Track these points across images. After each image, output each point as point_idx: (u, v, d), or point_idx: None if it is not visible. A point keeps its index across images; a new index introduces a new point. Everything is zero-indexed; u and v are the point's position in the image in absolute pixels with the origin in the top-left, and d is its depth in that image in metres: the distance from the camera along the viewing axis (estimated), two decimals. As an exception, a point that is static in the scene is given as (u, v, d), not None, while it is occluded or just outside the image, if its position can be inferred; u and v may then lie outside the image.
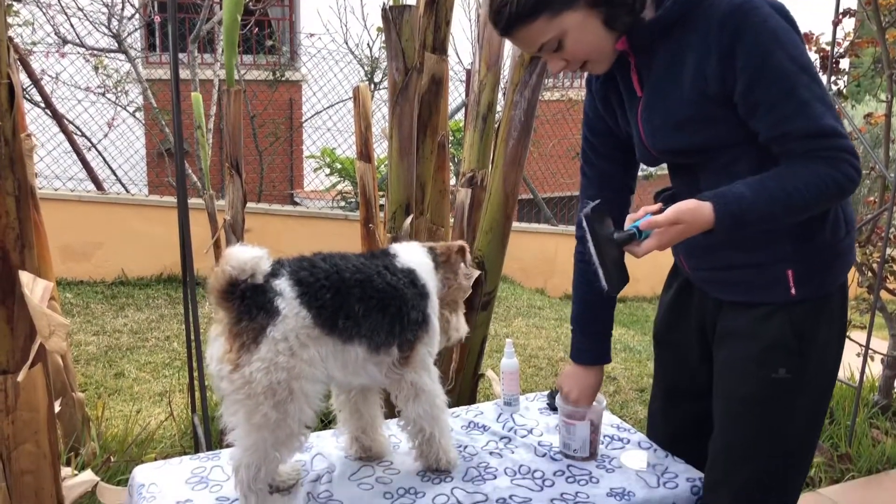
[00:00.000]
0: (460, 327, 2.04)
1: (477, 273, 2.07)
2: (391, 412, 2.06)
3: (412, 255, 1.93)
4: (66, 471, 2.40)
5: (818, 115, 1.50)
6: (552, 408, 2.34)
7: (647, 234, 1.55)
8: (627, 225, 1.57)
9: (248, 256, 1.62)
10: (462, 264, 2.00)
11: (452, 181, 3.68)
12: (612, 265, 1.58)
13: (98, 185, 7.09)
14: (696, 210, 1.51)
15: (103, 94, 7.75)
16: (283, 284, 1.67)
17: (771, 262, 1.67)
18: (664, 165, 1.84)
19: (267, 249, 1.67)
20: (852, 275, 3.77)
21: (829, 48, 3.74)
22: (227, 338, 1.65)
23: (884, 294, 3.63)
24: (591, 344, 2.04)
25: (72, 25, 7.31)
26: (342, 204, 8.00)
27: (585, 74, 1.84)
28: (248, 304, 1.64)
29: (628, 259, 1.62)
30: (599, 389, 2.06)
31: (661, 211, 1.54)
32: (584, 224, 1.57)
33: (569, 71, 1.70)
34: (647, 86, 1.68)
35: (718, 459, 1.82)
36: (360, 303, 1.74)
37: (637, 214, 1.58)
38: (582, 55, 1.65)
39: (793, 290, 1.66)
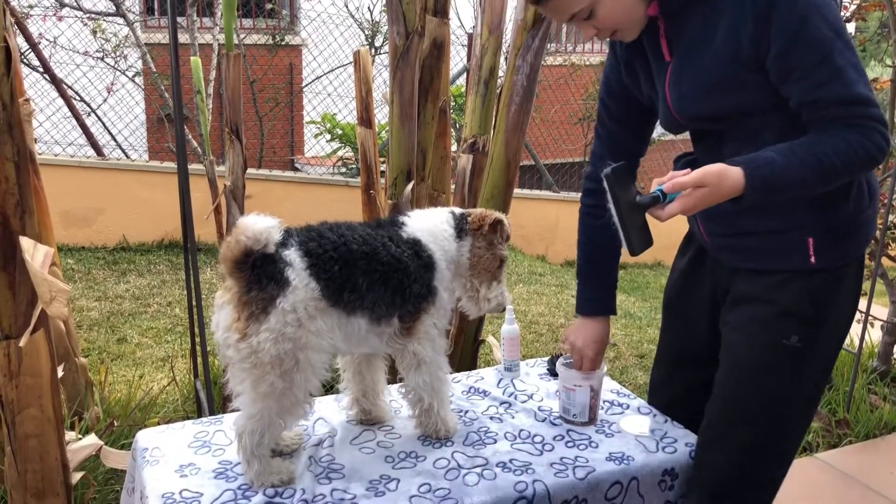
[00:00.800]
0: (492, 297, 1.96)
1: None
2: (394, 378, 2.07)
3: (425, 222, 1.90)
4: (70, 435, 2.43)
5: (852, 83, 1.49)
6: (552, 373, 2.35)
7: (672, 197, 1.52)
8: (653, 188, 1.55)
9: (262, 226, 1.62)
10: (500, 235, 1.94)
11: (454, 147, 3.66)
12: (633, 228, 1.55)
13: (98, 150, 7.05)
14: (722, 174, 1.49)
15: (102, 59, 7.68)
16: (293, 255, 1.67)
17: (792, 229, 1.66)
18: (666, 134, 1.83)
19: (280, 220, 1.67)
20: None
21: (835, 12, 3.68)
22: (235, 306, 1.65)
23: (885, 261, 3.63)
24: (595, 293, 2.05)
25: (69, -12, 7.23)
26: (343, 170, 7.97)
27: (594, 39, 1.82)
28: (259, 273, 1.63)
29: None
30: (607, 344, 2.06)
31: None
32: (606, 185, 1.52)
33: (599, 39, 1.68)
34: (677, 51, 1.66)
35: (716, 420, 1.82)
36: (365, 276, 1.73)
37: (663, 178, 1.55)
38: (613, 23, 1.64)
39: (812, 259, 1.66)
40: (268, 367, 1.64)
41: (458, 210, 1.98)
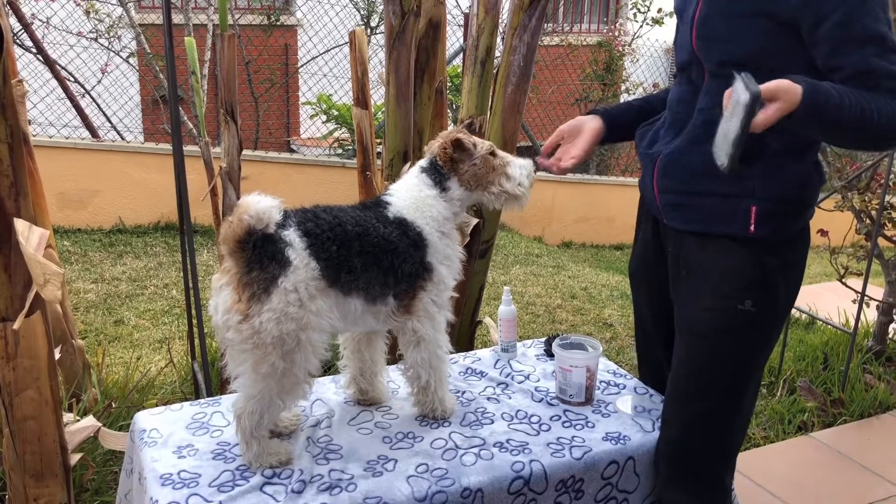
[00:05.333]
0: (517, 181, 1.92)
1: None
2: (394, 359, 2.08)
3: (407, 197, 1.89)
4: (68, 416, 2.43)
5: (890, 55, 1.56)
6: (549, 354, 2.36)
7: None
8: (732, 100, 1.50)
9: (265, 206, 1.62)
10: (469, 149, 1.91)
11: (450, 128, 3.64)
12: (741, 148, 1.49)
13: (93, 132, 7.01)
14: (791, 90, 1.49)
15: (95, 40, 7.62)
16: (292, 235, 1.67)
17: (740, 195, 1.71)
18: None
19: (280, 199, 1.67)
20: (850, 222, 3.77)
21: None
22: (235, 287, 1.65)
23: (881, 241, 3.64)
24: (611, 108, 2.08)
25: (61, -32, 7.16)
26: (339, 151, 7.93)
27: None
28: (260, 253, 1.63)
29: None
30: (591, 141, 2.03)
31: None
32: (749, 99, 1.44)
33: None
34: None
35: (676, 387, 1.86)
36: (359, 257, 1.74)
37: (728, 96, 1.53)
38: None
39: (752, 227, 1.71)
40: (269, 347, 1.64)
41: (423, 161, 1.96)
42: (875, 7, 1.56)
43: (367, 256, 1.75)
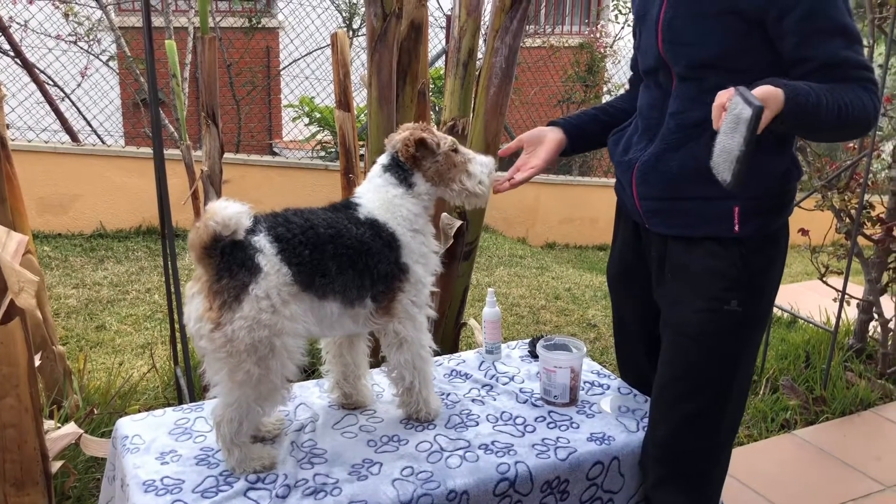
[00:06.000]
0: (477, 178, 1.91)
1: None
2: (377, 362, 2.07)
3: (376, 197, 1.86)
4: (49, 423, 2.40)
5: (853, 47, 1.61)
6: (533, 355, 2.36)
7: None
8: (732, 103, 1.47)
9: (231, 212, 1.60)
10: (433, 149, 1.88)
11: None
12: (749, 158, 1.46)
13: (73, 136, 6.95)
14: (775, 96, 1.51)
15: (75, 43, 7.56)
16: (262, 241, 1.65)
17: (722, 197, 1.70)
18: None
19: (249, 205, 1.65)
20: (830, 221, 3.80)
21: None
22: (206, 295, 1.63)
23: (861, 240, 3.67)
24: (572, 119, 2.08)
25: (39, -29, 7.10)
26: (322, 154, 7.91)
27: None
28: (229, 260, 1.62)
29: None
30: (551, 152, 2.02)
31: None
32: (752, 114, 1.41)
33: None
34: None
35: (665, 390, 1.85)
36: (333, 260, 1.72)
37: (722, 100, 1.51)
38: None
39: (736, 227, 1.72)
40: (243, 354, 1.63)
41: (383, 158, 1.92)
42: (837, 3, 1.58)
43: (342, 259, 1.73)
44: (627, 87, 2.12)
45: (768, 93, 1.49)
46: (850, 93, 1.57)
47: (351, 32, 8.43)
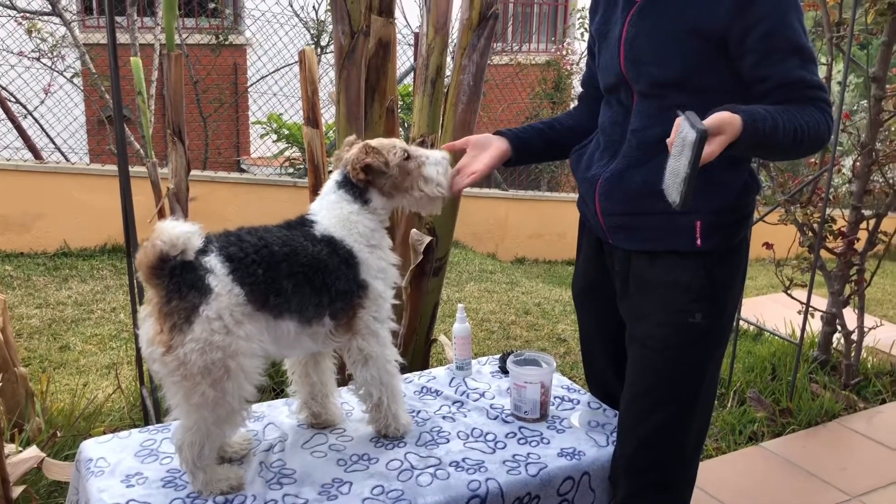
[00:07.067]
0: (434, 182, 1.87)
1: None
2: (344, 380, 2.05)
3: (331, 214, 1.83)
4: (9, 447, 2.35)
5: (809, 68, 1.65)
6: (504, 371, 2.37)
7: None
8: (676, 136, 1.51)
9: (179, 231, 1.56)
10: (381, 169, 1.83)
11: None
12: (692, 184, 1.50)
13: (36, 153, 6.85)
14: (733, 122, 1.53)
15: (38, 59, 7.45)
16: (213, 261, 1.62)
17: (682, 211, 1.70)
18: None
19: (200, 224, 1.62)
20: (794, 234, 3.87)
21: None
22: (157, 318, 1.60)
23: (823, 253, 3.74)
24: (520, 132, 2.06)
25: (1, -14, 7.00)
26: (290, 170, 7.88)
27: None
28: (178, 282, 1.58)
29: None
30: (495, 159, 2.00)
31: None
32: (697, 138, 1.45)
33: None
34: None
35: (629, 407, 1.87)
36: (289, 278, 1.70)
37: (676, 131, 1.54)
38: None
39: (699, 241, 1.74)
40: (197, 377, 1.60)
41: (337, 175, 1.89)
42: (794, 20, 1.63)
43: (298, 277, 1.71)
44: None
45: (724, 119, 1.52)
46: (805, 114, 1.62)
47: (319, 50, 8.42)
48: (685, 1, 1.67)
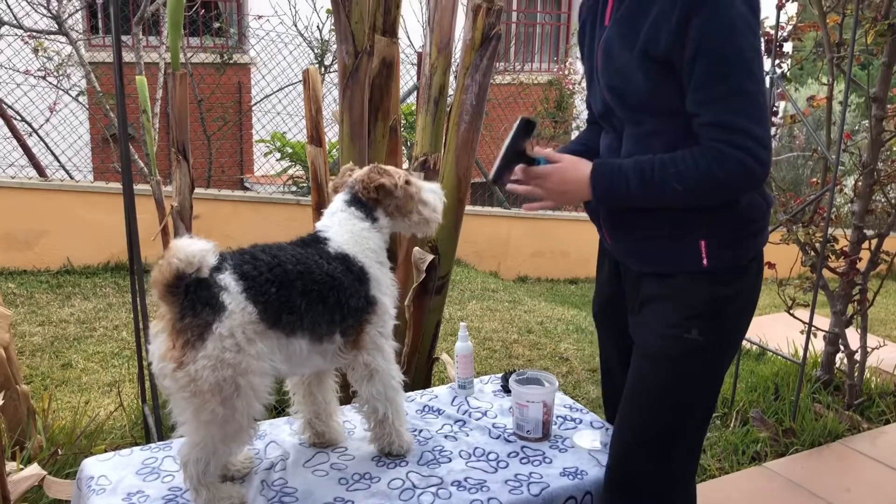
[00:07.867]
0: (431, 207, 1.96)
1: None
2: (347, 398, 2.05)
3: (344, 231, 1.86)
4: (10, 465, 2.35)
5: (735, 110, 1.57)
6: (506, 390, 2.36)
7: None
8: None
9: (195, 249, 1.58)
10: (392, 192, 1.91)
11: (405, 165, 3.66)
12: (506, 165, 1.77)
13: (40, 171, 6.88)
14: (575, 168, 1.71)
15: (44, 78, 7.51)
16: (227, 279, 1.63)
17: (686, 234, 1.73)
18: None
19: (214, 242, 1.63)
20: (796, 254, 3.87)
21: (773, 32, 3.81)
22: (169, 334, 1.61)
23: (826, 272, 3.73)
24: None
25: (8, 6, 7.06)
26: (293, 189, 7.90)
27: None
28: (192, 299, 1.59)
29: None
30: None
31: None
32: (519, 122, 1.74)
33: None
34: (614, 19, 1.73)
35: (622, 412, 1.85)
36: (302, 296, 1.71)
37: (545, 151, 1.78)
38: None
39: (705, 261, 1.74)
40: (208, 394, 1.60)
41: (346, 195, 1.93)
42: (732, 51, 1.55)
43: (312, 295, 1.72)
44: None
45: (568, 157, 1.72)
46: (688, 165, 1.61)
47: (323, 69, 8.47)
48: (639, 24, 1.66)
